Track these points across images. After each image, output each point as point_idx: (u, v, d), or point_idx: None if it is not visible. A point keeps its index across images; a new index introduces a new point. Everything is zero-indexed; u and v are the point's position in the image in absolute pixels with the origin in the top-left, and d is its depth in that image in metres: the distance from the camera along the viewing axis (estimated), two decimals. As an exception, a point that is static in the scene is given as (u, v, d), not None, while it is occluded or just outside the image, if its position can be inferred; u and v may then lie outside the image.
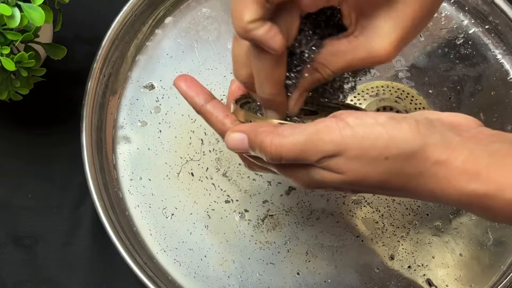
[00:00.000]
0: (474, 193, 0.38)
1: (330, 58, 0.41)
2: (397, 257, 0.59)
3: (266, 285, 0.59)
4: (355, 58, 0.41)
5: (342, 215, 0.60)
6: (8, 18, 0.51)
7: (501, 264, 0.59)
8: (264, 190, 0.61)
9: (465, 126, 0.40)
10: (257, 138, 0.41)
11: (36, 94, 0.60)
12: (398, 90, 0.62)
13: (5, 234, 0.62)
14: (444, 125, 0.39)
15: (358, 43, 0.41)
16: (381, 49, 0.40)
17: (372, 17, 0.40)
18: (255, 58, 0.40)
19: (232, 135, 0.42)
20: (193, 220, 0.60)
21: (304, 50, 0.41)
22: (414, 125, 0.38)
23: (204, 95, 0.45)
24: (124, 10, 0.62)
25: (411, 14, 0.39)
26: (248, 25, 0.37)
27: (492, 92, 0.63)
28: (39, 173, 0.63)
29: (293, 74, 0.41)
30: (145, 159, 0.62)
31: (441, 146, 0.38)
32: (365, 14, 0.40)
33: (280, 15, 0.38)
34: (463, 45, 0.64)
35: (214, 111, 0.45)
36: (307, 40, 0.41)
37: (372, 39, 0.40)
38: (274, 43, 0.38)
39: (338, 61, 0.41)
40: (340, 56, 0.41)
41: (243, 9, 0.37)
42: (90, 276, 0.61)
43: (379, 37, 0.40)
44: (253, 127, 0.41)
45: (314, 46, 0.41)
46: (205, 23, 0.65)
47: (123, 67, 0.64)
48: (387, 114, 0.39)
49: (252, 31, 0.37)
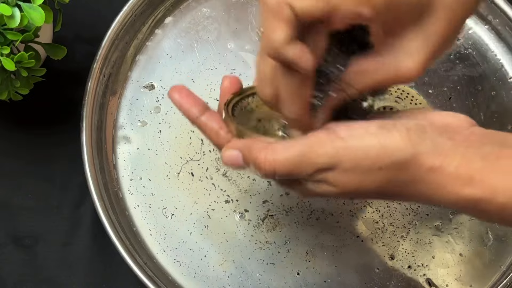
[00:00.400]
0: (469, 197, 0.38)
1: (357, 77, 0.40)
2: (397, 257, 0.59)
3: (266, 285, 0.59)
4: (383, 77, 0.40)
5: (342, 215, 0.60)
6: (8, 18, 0.51)
7: (501, 264, 0.59)
8: (264, 190, 0.61)
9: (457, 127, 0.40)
10: (251, 155, 0.41)
11: (36, 94, 0.60)
12: (398, 90, 0.62)
13: (5, 234, 0.62)
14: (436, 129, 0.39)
15: (386, 62, 0.40)
16: (410, 68, 0.39)
17: (400, 36, 0.39)
18: (282, 77, 0.39)
19: (227, 152, 0.42)
20: (193, 220, 0.60)
21: (331, 69, 0.40)
22: (405, 133, 0.38)
23: (198, 107, 0.45)
24: (124, 10, 0.62)
25: (440, 31, 0.39)
26: (279, 46, 0.37)
27: (492, 92, 0.63)
28: (39, 173, 0.63)
29: (319, 93, 0.41)
30: (145, 159, 0.62)
31: (434, 153, 0.38)
32: (393, 32, 0.39)
33: (309, 33, 0.38)
34: (463, 45, 0.64)
35: (209, 123, 0.45)
36: (334, 58, 0.40)
37: (400, 58, 0.39)
38: (304, 64, 0.37)
39: (364, 80, 0.40)
40: (366, 76, 0.40)
41: (274, 29, 0.36)
42: (90, 276, 0.61)
43: (407, 56, 0.39)
44: (247, 144, 0.41)
45: (341, 65, 0.40)
46: (205, 23, 0.65)
47: (123, 67, 0.64)
48: (376, 123, 0.39)
49: (283, 52, 0.37)
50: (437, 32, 0.39)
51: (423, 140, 0.38)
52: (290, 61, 0.37)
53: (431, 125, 0.40)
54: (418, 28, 0.39)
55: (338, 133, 0.39)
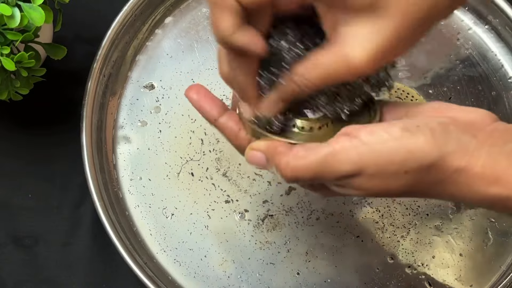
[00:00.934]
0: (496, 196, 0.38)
1: (310, 69, 0.39)
2: (397, 257, 0.59)
3: (266, 285, 0.59)
4: (334, 68, 0.38)
5: (342, 215, 0.60)
6: (8, 18, 0.51)
7: (501, 264, 0.59)
8: (264, 190, 0.61)
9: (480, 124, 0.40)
10: (274, 159, 0.41)
11: (36, 94, 0.60)
12: (398, 90, 0.62)
13: (5, 234, 0.62)
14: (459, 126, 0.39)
15: (335, 51, 0.38)
16: (358, 57, 0.37)
17: (351, 23, 0.38)
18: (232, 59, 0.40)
19: (252, 152, 0.42)
20: (193, 220, 0.60)
21: (284, 54, 0.40)
22: (429, 135, 0.38)
23: (217, 108, 0.44)
24: (124, 10, 0.62)
25: (395, 24, 0.37)
26: (226, 36, 0.37)
27: (492, 92, 0.63)
28: (39, 173, 0.63)
29: (269, 74, 0.41)
30: (145, 159, 0.62)
31: (459, 153, 0.38)
32: (344, 19, 0.38)
33: (257, 15, 0.38)
34: (463, 45, 0.64)
35: (228, 124, 0.44)
36: (289, 45, 0.40)
37: (350, 47, 0.38)
38: (255, 48, 0.38)
39: (317, 72, 0.39)
40: (319, 67, 0.39)
41: (220, 21, 0.37)
42: (90, 276, 0.61)
43: (357, 44, 0.38)
44: (270, 147, 0.41)
45: (295, 54, 0.40)
46: (205, 23, 0.65)
47: (123, 67, 0.64)
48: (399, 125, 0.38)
49: (232, 41, 0.38)
50: (390, 25, 0.37)
51: (448, 140, 0.38)
52: (240, 48, 0.38)
53: (453, 123, 0.39)
54: (370, 17, 0.37)
55: (361, 138, 0.38)
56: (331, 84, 0.40)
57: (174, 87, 0.63)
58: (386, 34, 0.37)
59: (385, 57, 0.38)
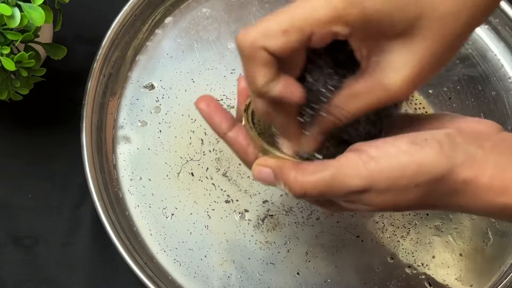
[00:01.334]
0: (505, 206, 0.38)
1: (348, 100, 0.39)
2: (397, 257, 0.59)
3: (266, 285, 0.59)
4: (372, 98, 0.39)
5: (342, 215, 0.60)
6: (8, 18, 0.51)
7: (501, 264, 0.59)
8: (264, 190, 0.61)
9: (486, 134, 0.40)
10: (283, 175, 0.40)
11: (36, 94, 0.60)
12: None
13: (5, 234, 0.62)
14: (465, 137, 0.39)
15: (373, 81, 0.38)
16: (395, 84, 0.38)
17: (385, 51, 0.38)
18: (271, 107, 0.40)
19: (259, 168, 0.42)
20: (193, 220, 0.60)
21: (321, 89, 0.39)
22: (438, 148, 0.38)
23: (227, 122, 0.44)
24: (124, 10, 0.62)
25: (429, 47, 0.37)
26: (262, 89, 0.37)
27: (492, 92, 0.63)
28: (39, 173, 0.63)
29: (309, 110, 0.40)
30: (145, 159, 0.62)
31: (467, 165, 0.38)
32: (379, 48, 0.38)
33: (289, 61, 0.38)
34: (463, 45, 0.64)
35: (237, 139, 0.44)
36: (325, 78, 0.39)
37: (386, 75, 0.38)
38: (292, 96, 0.38)
39: (356, 103, 0.39)
40: (358, 98, 0.39)
41: (255, 75, 0.37)
42: (90, 276, 0.61)
43: (393, 72, 0.38)
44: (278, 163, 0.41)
45: (332, 86, 0.39)
46: (205, 23, 0.65)
47: (123, 67, 0.64)
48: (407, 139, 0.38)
49: (268, 92, 0.37)
50: (425, 48, 0.37)
51: (456, 152, 0.38)
52: (277, 98, 0.38)
53: (460, 134, 0.39)
54: (405, 43, 0.37)
55: (369, 153, 0.38)
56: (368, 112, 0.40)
57: (174, 87, 0.63)
58: (422, 57, 0.37)
59: (422, 79, 0.38)
